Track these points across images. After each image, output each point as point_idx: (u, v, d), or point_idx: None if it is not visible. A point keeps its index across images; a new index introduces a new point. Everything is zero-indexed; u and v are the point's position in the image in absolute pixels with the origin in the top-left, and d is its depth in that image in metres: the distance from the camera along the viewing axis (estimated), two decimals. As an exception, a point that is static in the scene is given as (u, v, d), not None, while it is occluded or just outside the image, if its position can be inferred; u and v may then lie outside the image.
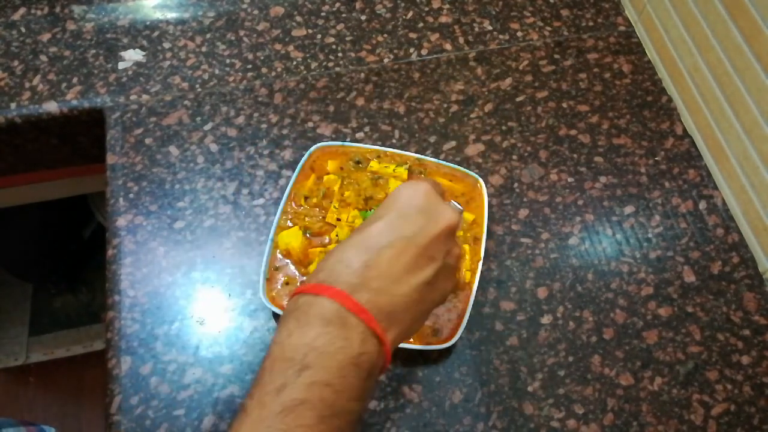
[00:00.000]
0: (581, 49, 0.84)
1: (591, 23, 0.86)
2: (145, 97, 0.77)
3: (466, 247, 0.65)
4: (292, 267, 0.63)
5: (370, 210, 0.65)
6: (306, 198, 0.67)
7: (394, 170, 0.69)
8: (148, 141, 0.73)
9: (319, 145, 0.70)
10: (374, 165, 0.69)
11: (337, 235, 0.64)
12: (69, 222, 1.33)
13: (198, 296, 0.64)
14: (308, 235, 0.64)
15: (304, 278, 0.63)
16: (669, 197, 0.73)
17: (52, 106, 0.76)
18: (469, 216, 0.67)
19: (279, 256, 0.64)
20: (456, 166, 0.70)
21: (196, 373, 0.60)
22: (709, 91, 0.74)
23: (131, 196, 0.70)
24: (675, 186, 0.73)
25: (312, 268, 0.63)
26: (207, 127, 0.75)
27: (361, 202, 0.66)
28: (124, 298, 0.64)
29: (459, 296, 0.62)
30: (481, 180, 0.68)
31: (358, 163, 0.70)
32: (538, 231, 0.70)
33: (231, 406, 0.59)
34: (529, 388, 0.61)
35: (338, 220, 0.65)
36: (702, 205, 0.72)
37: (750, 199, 0.69)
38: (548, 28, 0.85)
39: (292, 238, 0.63)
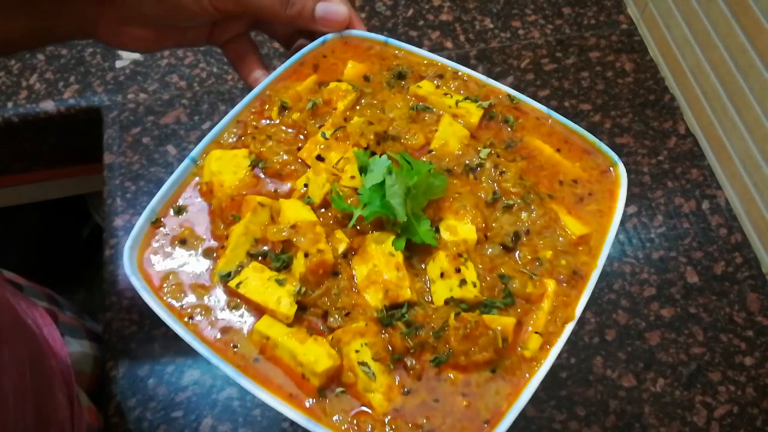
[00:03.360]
0: (583, 47, 0.83)
1: (593, 21, 0.86)
2: (142, 95, 0.76)
3: (551, 285, 0.37)
4: (204, 215, 0.38)
5: (381, 155, 0.38)
6: (284, 108, 0.41)
7: (457, 104, 0.42)
8: (145, 140, 0.73)
9: (342, 33, 0.44)
10: (427, 87, 0.43)
11: (305, 186, 0.38)
12: (66, 222, 1.32)
13: (196, 297, 0.64)
14: (260, 172, 0.39)
15: (214, 243, 0.37)
16: (672, 197, 0.72)
17: (49, 105, 0.75)
18: (575, 228, 0.38)
19: (194, 189, 0.39)
20: (580, 130, 0.43)
21: (194, 374, 0.60)
22: (711, 89, 0.73)
23: (129, 195, 0.69)
24: (678, 186, 0.73)
25: (236, 230, 0.36)
26: (205, 126, 0.74)
27: (369, 137, 0.39)
28: (121, 299, 0.63)
29: (507, 379, 0.38)
30: (620, 164, 0.41)
31: (400, 76, 0.44)
32: (539, 231, 0.69)
33: (229, 408, 0.58)
34: (531, 390, 0.61)
35: (319, 158, 0.39)
36: (705, 204, 0.72)
37: (753, 198, 0.68)
38: (550, 26, 0.85)
39: (228, 167, 0.38)
